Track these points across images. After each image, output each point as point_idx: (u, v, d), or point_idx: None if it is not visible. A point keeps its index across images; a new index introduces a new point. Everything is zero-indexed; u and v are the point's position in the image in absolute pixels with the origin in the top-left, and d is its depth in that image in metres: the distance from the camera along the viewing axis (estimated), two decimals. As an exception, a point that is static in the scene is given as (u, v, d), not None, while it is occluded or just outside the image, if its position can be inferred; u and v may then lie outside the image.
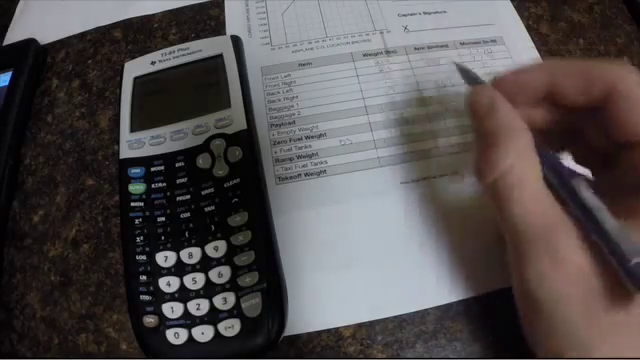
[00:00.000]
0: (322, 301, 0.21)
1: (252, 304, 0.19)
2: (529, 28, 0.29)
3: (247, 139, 0.23)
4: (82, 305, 0.22)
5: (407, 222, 0.23)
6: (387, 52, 0.28)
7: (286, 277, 0.21)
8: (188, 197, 0.22)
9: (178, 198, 0.22)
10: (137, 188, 0.22)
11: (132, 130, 0.24)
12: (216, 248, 0.20)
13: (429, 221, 0.23)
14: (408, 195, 0.23)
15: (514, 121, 0.16)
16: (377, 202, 0.23)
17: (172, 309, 0.20)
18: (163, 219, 0.21)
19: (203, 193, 0.22)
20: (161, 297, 0.20)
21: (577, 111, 0.17)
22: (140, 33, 0.30)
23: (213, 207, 0.21)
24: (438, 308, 0.21)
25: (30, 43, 0.30)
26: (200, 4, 0.31)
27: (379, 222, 0.23)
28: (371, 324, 0.21)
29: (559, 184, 0.15)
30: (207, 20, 0.30)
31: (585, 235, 0.14)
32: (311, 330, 0.21)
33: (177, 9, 0.31)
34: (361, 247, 0.22)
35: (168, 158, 0.23)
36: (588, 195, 0.15)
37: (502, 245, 0.17)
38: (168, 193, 0.22)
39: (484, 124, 0.17)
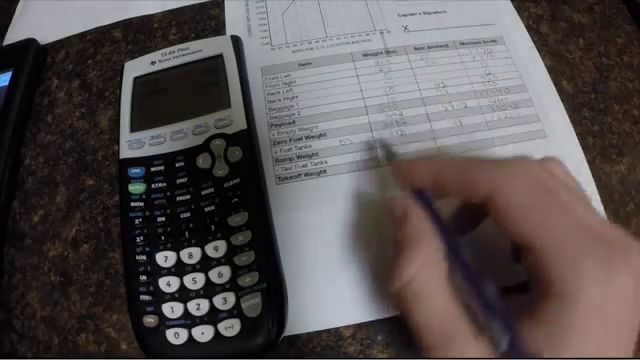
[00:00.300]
0: (322, 301, 0.21)
1: (252, 304, 0.19)
2: (529, 28, 0.29)
3: (247, 139, 0.23)
4: (82, 305, 0.22)
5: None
6: (387, 52, 0.28)
7: (286, 277, 0.21)
8: (188, 197, 0.22)
9: (178, 198, 0.22)
10: (137, 188, 0.22)
11: (132, 130, 0.24)
12: (216, 248, 0.20)
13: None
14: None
15: (422, 230, 0.17)
16: (377, 202, 0.23)
17: (172, 309, 0.20)
18: (163, 219, 0.21)
19: (203, 193, 0.22)
20: (161, 297, 0.20)
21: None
22: (140, 33, 0.30)
23: (213, 207, 0.21)
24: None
25: (30, 43, 0.30)
26: (200, 4, 0.31)
27: (379, 222, 0.23)
28: (371, 324, 0.21)
29: (466, 284, 0.16)
30: (207, 20, 0.30)
31: (487, 340, 0.15)
32: (311, 330, 0.21)
33: (177, 9, 0.31)
34: (361, 247, 0.22)
35: (168, 158, 0.23)
36: (491, 296, 0.15)
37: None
38: (168, 193, 0.22)
39: (396, 232, 0.17)
